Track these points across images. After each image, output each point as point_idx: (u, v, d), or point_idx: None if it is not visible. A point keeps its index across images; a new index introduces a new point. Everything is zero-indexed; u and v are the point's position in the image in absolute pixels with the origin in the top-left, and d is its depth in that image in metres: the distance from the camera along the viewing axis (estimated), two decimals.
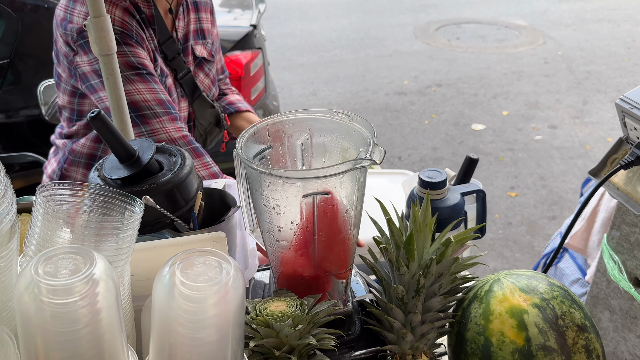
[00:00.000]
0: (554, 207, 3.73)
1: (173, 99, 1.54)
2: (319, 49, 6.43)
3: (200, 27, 1.68)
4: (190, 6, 1.66)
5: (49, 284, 0.51)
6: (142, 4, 1.47)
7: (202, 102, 1.65)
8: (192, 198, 0.93)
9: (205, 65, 1.70)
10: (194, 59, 1.65)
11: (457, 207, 1.00)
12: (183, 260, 0.56)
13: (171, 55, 1.56)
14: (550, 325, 0.79)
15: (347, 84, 5.45)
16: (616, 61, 5.94)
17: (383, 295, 0.91)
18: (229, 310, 0.56)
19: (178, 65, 1.58)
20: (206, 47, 1.71)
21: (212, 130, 1.70)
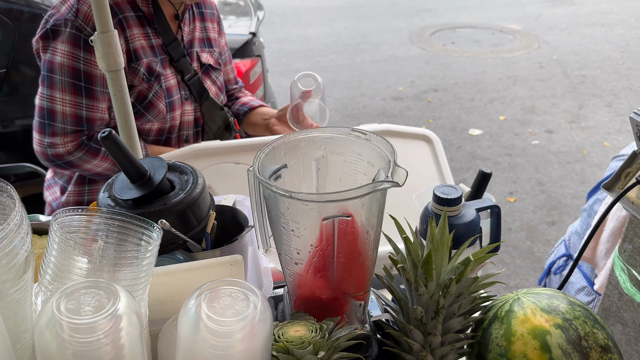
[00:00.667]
0: (553, 213, 3.73)
1: (174, 100, 1.56)
2: (314, 54, 6.43)
3: (206, 35, 1.71)
4: (196, 15, 1.68)
5: (71, 322, 0.49)
6: (141, 3, 1.50)
7: (210, 104, 1.67)
8: (204, 217, 0.91)
9: (212, 73, 1.72)
10: (200, 66, 1.66)
11: (473, 224, 0.98)
12: (209, 292, 0.54)
13: (177, 57, 1.58)
14: (573, 347, 0.78)
15: (343, 89, 5.44)
16: (611, 65, 5.97)
17: (400, 315, 0.89)
18: (257, 344, 0.54)
19: (184, 66, 1.60)
20: (212, 55, 1.73)
21: (222, 134, 1.71)
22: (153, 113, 1.53)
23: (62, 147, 1.46)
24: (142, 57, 1.51)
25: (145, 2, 1.51)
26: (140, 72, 1.50)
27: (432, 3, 8.30)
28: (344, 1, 8.29)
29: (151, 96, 1.53)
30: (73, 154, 1.48)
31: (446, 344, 0.86)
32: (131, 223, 0.66)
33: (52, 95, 1.43)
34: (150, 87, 1.53)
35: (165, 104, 1.56)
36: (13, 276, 0.58)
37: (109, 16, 0.94)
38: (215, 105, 1.67)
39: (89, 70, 1.42)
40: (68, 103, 1.43)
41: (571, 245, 2.18)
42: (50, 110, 1.44)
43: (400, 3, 8.29)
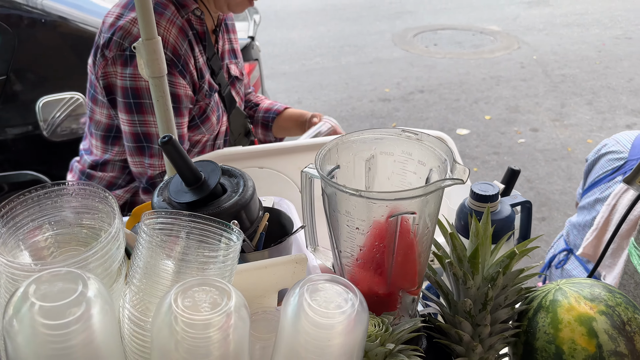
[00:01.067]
0: (543, 209, 3.83)
1: (220, 113, 1.59)
2: (299, 57, 6.46)
3: (232, 47, 1.75)
4: (227, 27, 1.73)
5: (189, 318, 0.52)
6: (195, 21, 1.52)
7: (237, 113, 1.72)
8: (255, 218, 0.93)
9: (237, 84, 1.76)
10: (229, 77, 1.68)
11: (509, 219, 1.03)
12: (311, 284, 0.56)
13: (217, 71, 1.62)
14: (619, 332, 0.83)
15: (331, 91, 5.48)
16: (589, 64, 6.13)
17: (447, 308, 0.93)
18: (355, 338, 0.57)
19: (221, 80, 1.64)
20: (238, 66, 1.77)
21: (241, 140, 1.74)
22: (207, 125, 1.58)
23: (159, 168, 1.51)
24: (205, 74, 1.55)
25: (200, 21, 1.53)
26: (205, 88, 1.53)
27: (412, 5, 8.41)
28: (325, 4, 8.34)
29: (208, 110, 1.58)
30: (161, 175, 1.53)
31: (494, 334, 0.90)
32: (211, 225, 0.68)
33: (145, 119, 1.46)
34: (209, 103, 1.58)
35: (216, 117, 1.61)
36: (106, 283, 0.60)
37: (154, 23, 0.96)
38: (241, 114, 1.71)
39: (174, 91, 1.44)
40: None
41: (570, 240, 2.25)
42: (146, 133, 1.48)
43: (380, 6, 8.37)
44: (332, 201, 0.78)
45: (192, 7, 1.50)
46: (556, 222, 3.69)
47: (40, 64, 2.43)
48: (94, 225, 0.61)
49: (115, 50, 1.45)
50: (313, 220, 0.92)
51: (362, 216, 0.75)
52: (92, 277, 0.49)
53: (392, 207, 0.73)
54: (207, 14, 1.57)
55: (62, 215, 0.59)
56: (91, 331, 0.49)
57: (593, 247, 1.98)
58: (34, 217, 0.58)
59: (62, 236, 0.60)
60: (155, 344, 0.53)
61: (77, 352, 0.49)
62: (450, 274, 0.91)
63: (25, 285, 0.47)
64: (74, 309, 0.48)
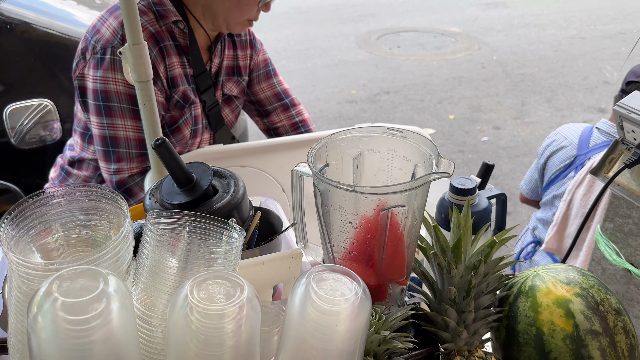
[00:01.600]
0: (508, 204, 3.93)
1: (198, 128, 1.59)
2: None
3: (236, 64, 1.72)
4: (228, 43, 1.70)
5: (205, 309, 0.54)
6: (179, 34, 1.52)
7: (224, 132, 1.70)
8: (247, 218, 0.96)
9: (233, 102, 1.74)
10: (222, 95, 1.69)
11: (487, 211, 1.08)
12: (317, 273, 0.60)
13: (203, 88, 1.60)
14: (593, 312, 0.89)
15: (298, 94, 5.47)
16: (546, 64, 6.35)
17: (433, 297, 0.97)
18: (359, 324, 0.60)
19: (208, 97, 1.62)
20: (239, 84, 1.74)
21: None
22: (177, 137, 1.56)
23: (128, 172, 1.49)
24: (179, 85, 1.54)
25: (182, 34, 1.53)
26: (175, 98, 1.53)
27: (374, 8, 8.52)
28: (289, 7, 8.37)
29: (180, 122, 1.56)
30: (134, 178, 1.51)
31: (478, 319, 0.94)
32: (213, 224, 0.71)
33: (113, 122, 1.45)
34: (182, 114, 1.56)
35: (190, 131, 1.60)
36: None
37: (140, 28, 0.97)
38: (228, 134, 1.71)
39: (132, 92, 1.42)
40: (130, 128, 1.45)
41: (537, 233, 2.35)
42: (113, 137, 1.46)
43: (344, 8, 8.46)
44: (325, 197, 0.82)
45: (171, 19, 1.50)
46: (521, 216, 3.82)
47: (6, 70, 2.39)
48: (103, 227, 0.63)
49: (90, 52, 1.46)
50: (303, 218, 0.96)
51: (354, 210, 0.79)
52: (111, 274, 0.51)
53: (384, 200, 0.77)
54: (198, 30, 1.57)
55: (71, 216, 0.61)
56: (111, 326, 0.51)
57: (556, 242, 2.08)
58: (44, 219, 0.59)
59: (71, 237, 0.61)
60: (171, 336, 0.56)
61: (98, 347, 0.51)
62: (435, 264, 0.96)
63: (49, 282, 0.49)
64: (96, 304, 0.50)
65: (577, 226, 1.98)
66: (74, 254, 0.62)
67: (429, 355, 0.97)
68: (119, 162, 1.50)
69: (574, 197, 2.03)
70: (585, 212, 1.94)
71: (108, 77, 1.44)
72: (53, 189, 0.61)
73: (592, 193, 1.94)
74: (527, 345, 0.91)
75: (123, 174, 1.52)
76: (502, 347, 0.97)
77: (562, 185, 2.13)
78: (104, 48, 1.43)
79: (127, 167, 1.51)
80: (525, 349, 0.91)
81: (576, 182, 1.97)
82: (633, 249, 1.29)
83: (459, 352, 0.93)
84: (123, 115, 1.46)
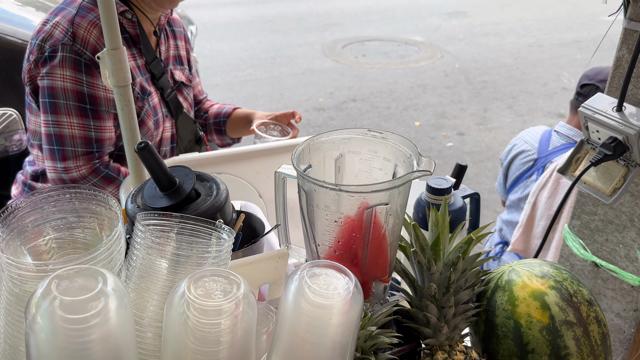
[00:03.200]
0: None
1: (158, 118, 1.58)
2: (232, 68, 6.46)
3: (178, 53, 1.75)
4: (169, 33, 1.72)
5: (203, 305, 0.55)
6: (128, 24, 1.51)
7: (184, 119, 1.71)
8: (230, 220, 0.96)
9: (184, 90, 1.75)
10: (174, 82, 1.71)
11: (462, 210, 1.11)
12: (309, 269, 0.61)
13: (158, 74, 1.60)
14: (567, 303, 0.93)
15: (266, 102, 5.53)
16: (507, 71, 6.54)
17: (414, 294, 1.00)
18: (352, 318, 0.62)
19: (164, 84, 1.62)
20: (184, 72, 1.76)
21: (192, 147, 1.74)
22: (143, 131, 1.54)
23: (76, 171, 1.45)
24: (136, 77, 1.53)
25: (132, 24, 1.53)
26: (135, 91, 1.51)
27: (338, 17, 8.62)
28: (254, 16, 8.39)
29: (143, 114, 1.55)
30: (87, 179, 1.47)
31: (458, 314, 0.97)
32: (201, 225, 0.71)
33: (58, 120, 1.43)
34: (143, 106, 1.55)
35: (153, 122, 1.59)
36: None
37: (119, 33, 0.97)
38: (189, 119, 1.71)
39: (92, 92, 1.42)
40: (76, 126, 1.43)
41: (504, 234, 2.42)
42: (58, 135, 1.44)
43: (309, 18, 8.52)
44: (310, 197, 0.83)
45: (119, 10, 1.49)
46: (487, 219, 3.91)
47: None
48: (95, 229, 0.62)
49: (37, 53, 1.45)
50: (286, 219, 0.97)
51: (340, 209, 0.81)
52: (109, 273, 0.51)
53: (367, 199, 0.79)
54: (142, 17, 1.57)
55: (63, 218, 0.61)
56: (110, 325, 0.51)
57: (523, 243, 2.14)
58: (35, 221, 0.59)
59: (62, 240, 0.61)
60: (169, 333, 0.56)
61: (97, 346, 0.51)
62: (415, 262, 0.98)
63: (47, 282, 0.49)
64: (95, 303, 0.50)
65: (542, 227, 2.05)
66: (65, 257, 0.61)
67: (412, 351, 0.99)
68: (65, 161, 1.47)
69: (538, 199, 2.10)
70: (550, 213, 2.01)
71: (56, 74, 1.42)
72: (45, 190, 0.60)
73: (557, 195, 2.01)
74: (505, 338, 0.94)
75: (71, 173, 1.48)
76: (481, 341, 0.99)
77: (525, 187, 2.21)
78: (54, 46, 1.42)
79: (73, 165, 1.48)
80: (504, 341, 0.94)
81: (540, 185, 2.04)
82: (599, 245, 1.35)
83: (441, 347, 0.96)
84: (69, 113, 1.44)
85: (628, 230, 1.27)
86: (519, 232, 2.16)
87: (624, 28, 1.22)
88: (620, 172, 1.18)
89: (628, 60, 1.16)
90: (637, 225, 1.24)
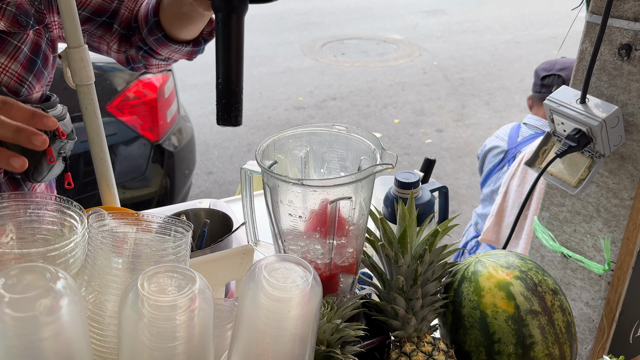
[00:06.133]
0: (452, 202, 4.07)
1: None
2: (210, 68, 6.39)
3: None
4: None
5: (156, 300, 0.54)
6: None
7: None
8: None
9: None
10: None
11: (430, 203, 1.12)
12: (267, 264, 0.61)
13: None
14: (532, 293, 0.94)
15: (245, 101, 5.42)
16: (484, 68, 6.60)
17: (382, 287, 1.00)
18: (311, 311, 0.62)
19: None
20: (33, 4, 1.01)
21: None
22: None
23: None
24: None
25: None
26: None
27: (317, 17, 8.62)
28: None
29: None
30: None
31: (425, 306, 0.98)
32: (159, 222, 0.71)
33: None
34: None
35: None
36: None
37: (80, 30, 0.95)
38: None
39: None
40: None
41: (479, 228, 2.45)
42: None
43: (287, 17, 8.51)
44: (275, 193, 0.83)
45: None
46: (465, 214, 3.94)
47: None
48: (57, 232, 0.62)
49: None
50: (253, 216, 0.97)
51: (303, 204, 0.81)
52: (59, 270, 0.51)
53: (331, 193, 0.80)
54: None
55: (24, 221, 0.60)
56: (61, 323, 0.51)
57: (494, 233, 2.17)
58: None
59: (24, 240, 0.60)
60: (124, 330, 0.55)
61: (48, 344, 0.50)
62: (383, 255, 0.99)
63: None
64: (44, 300, 0.49)
65: (514, 217, 2.07)
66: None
67: (381, 344, 1.00)
68: None
69: (509, 188, 2.13)
70: (521, 202, 2.04)
71: None
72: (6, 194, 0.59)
73: (526, 183, 2.03)
74: (472, 328, 0.95)
75: None
76: (449, 332, 1.00)
77: (497, 180, 2.23)
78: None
79: None
80: (471, 332, 0.95)
81: (510, 174, 2.07)
82: (568, 235, 1.37)
83: (409, 339, 0.96)
84: None
85: (595, 220, 1.30)
86: (490, 222, 2.19)
87: (587, 21, 1.24)
88: (585, 164, 1.20)
89: (590, 53, 1.18)
90: (604, 216, 1.26)
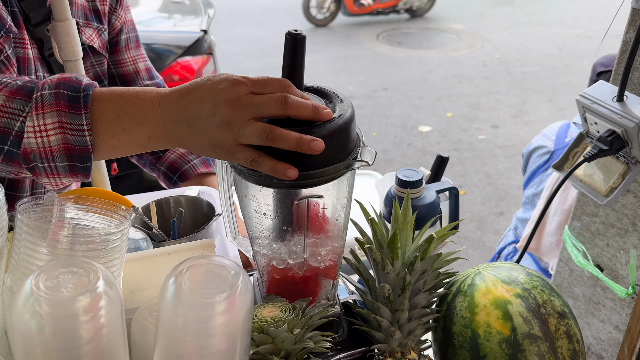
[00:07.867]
0: (501, 204, 3.87)
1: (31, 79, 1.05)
2: (265, 54, 6.42)
3: (94, 6, 1.23)
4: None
5: (51, 298, 0.49)
6: None
7: None
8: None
9: (92, 57, 1.23)
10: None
11: (434, 205, 1.02)
12: (190, 266, 0.54)
13: (36, 19, 1.09)
14: (533, 314, 0.82)
15: None
16: (550, 62, 6.25)
17: (368, 295, 0.91)
18: (238, 317, 0.55)
19: (43, 34, 1.11)
20: (100, 35, 1.24)
21: None
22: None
23: None
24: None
25: None
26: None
27: None
28: (290, 2, 8.31)
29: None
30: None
31: (413, 319, 0.88)
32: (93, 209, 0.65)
33: None
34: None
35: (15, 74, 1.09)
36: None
37: (67, 4, 0.92)
38: None
39: None
40: None
41: (518, 233, 2.29)
42: None
43: None
44: (239, 186, 0.76)
45: None
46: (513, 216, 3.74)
47: None
48: None
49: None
50: (230, 208, 0.90)
51: (267, 200, 0.73)
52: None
53: (296, 191, 0.72)
54: None
55: None
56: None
57: (535, 241, 2.01)
58: None
59: None
60: (16, 328, 0.50)
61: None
62: (371, 260, 0.90)
63: None
64: None
65: (557, 223, 1.91)
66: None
67: (362, 356, 0.91)
68: None
69: None
70: (564, 208, 1.87)
71: None
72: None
73: (571, 188, 1.87)
74: (461, 348, 0.85)
75: None
76: (439, 350, 0.90)
77: (540, 182, 2.07)
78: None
79: None
80: (459, 352, 0.85)
81: (554, 178, 1.90)
82: (600, 250, 1.22)
83: (391, 353, 0.87)
84: None
85: (630, 235, 1.15)
86: (529, 229, 2.03)
87: (632, 8, 1.08)
88: (619, 170, 1.06)
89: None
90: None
